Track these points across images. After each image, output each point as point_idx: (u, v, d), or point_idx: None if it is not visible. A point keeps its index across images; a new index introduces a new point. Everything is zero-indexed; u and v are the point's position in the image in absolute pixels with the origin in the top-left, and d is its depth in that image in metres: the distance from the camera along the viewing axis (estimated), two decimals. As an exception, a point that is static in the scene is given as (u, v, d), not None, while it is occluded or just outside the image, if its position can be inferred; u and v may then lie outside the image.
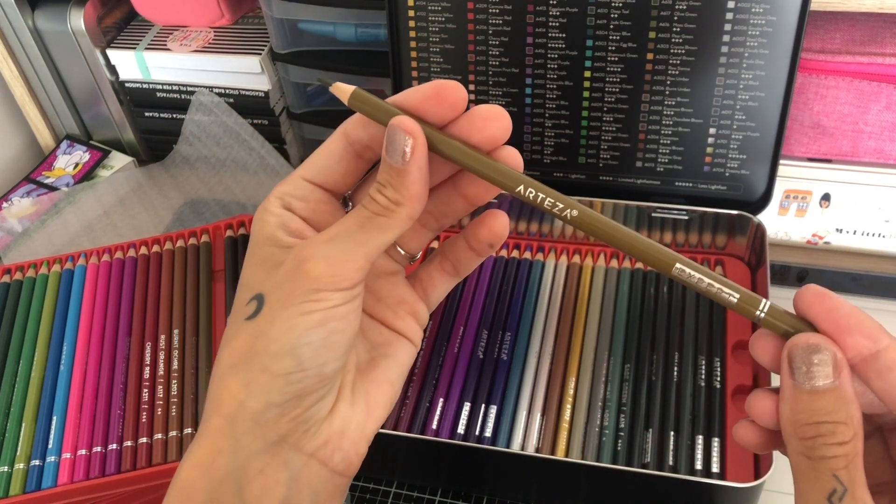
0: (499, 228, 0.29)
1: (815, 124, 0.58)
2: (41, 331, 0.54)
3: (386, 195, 0.26)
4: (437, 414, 0.49)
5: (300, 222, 0.28)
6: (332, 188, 0.29)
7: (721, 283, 0.26)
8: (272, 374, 0.25)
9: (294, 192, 0.28)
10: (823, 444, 0.23)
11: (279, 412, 0.26)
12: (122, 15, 0.74)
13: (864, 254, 0.62)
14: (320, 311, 0.25)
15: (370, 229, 0.26)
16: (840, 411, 0.23)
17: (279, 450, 0.26)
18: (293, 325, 0.25)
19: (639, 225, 0.58)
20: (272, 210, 0.28)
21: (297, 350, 0.25)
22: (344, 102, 0.28)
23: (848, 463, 0.23)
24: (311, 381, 0.26)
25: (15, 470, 0.47)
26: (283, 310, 0.25)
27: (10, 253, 0.68)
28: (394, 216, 0.26)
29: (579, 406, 0.49)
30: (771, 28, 0.51)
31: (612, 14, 0.53)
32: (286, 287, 0.25)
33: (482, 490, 0.50)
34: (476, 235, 0.30)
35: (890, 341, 0.23)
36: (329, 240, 0.26)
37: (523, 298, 0.56)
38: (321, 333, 0.25)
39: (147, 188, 0.74)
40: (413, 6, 0.56)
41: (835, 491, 0.23)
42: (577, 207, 0.27)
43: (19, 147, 0.79)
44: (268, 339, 0.25)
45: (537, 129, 0.58)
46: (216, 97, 0.71)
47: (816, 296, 0.24)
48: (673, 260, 0.26)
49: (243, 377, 0.26)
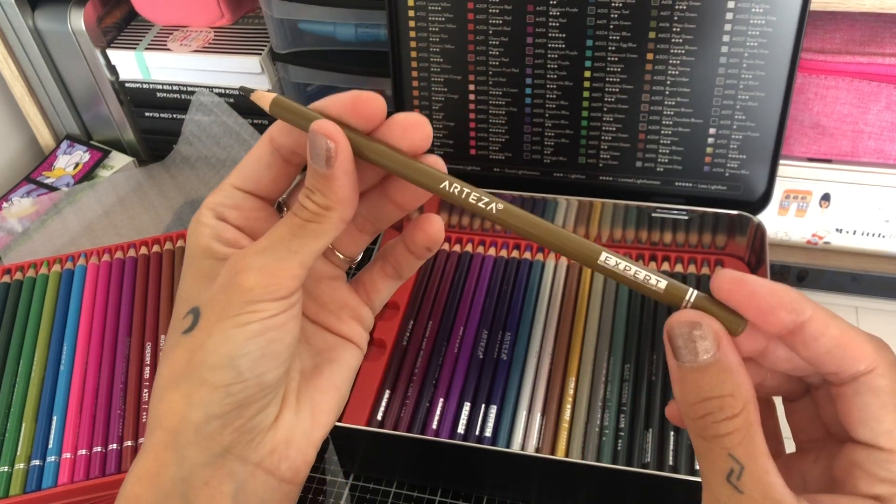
0: (434, 232, 0.29)
1: (815, 124, 0.58)
2: (41, 331, 0.54)
3: (315, 201, 0.26)
4: (437, 414, 0.49)
5: (234, 231, 0.28)
6: (263, 194, 0.28)
7: (648, 271, 0.25)
8: (211, 386, 0.25)
9: (225, 201, 0.28)
10: (713, 423, 0.23)
11: (221, 423, 0.26)
12: (122, 15, 0.74)
13: (864, 254, 0.62)
14: (257, 321, 0.25)
15: (302, 236, 0.26)
16: (725, 384, 0.23)
17: (224, 461, 0.26)
18: (229, 337, 0.25)
19: (639, 225, 0.58)
20: (205, 221, 0.27)
21: (236, 361, 0.25)
22: (265, 110, 0.28)
23: (742, 438, 0.23)
24: (252, 390, 0.26)
25: (15, 470, 0.47)
26: (218, 322, 0.25)
27: (10, 253, 0.68)
28: (325, 221, 0.26)
29: (579, 406, 0.49)
30: (771, 28, 0.51)
31: (612, 14, 0.53)
32: (221, 300, 0.25)
33: (482, 490, 0.50)
34: (413, 240, 0.30)
35: (813, 311, 0.23)
36: (262, 250, 0.26)
37: (523, 298, 0.56)
38: (259, 343, 0.25)
39: (147, 188, 0.74)
40: (413, 6, 0.56)
41: (732, 471, 0.23)
42: (501, 202, 0.27)
43: (19, 147, 0.79)
44: (205, 352, 0.25)
45: (537, 129, 0.58)
46: (216, 97, 0.71)
47: (733, 282, 0.24)
48: (598, 251, 0.26)
49: (184, 390, 0.26)
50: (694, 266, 0.58)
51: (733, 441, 0.23)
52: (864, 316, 0.60)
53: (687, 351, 0.23)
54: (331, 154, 0.25)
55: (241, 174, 0.28)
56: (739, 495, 0.23)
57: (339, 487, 0.51)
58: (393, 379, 0.51)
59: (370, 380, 0.51)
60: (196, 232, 0.27)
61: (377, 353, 0.53)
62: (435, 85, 0.59)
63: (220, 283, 0.26)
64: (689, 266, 0.58)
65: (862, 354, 0.23)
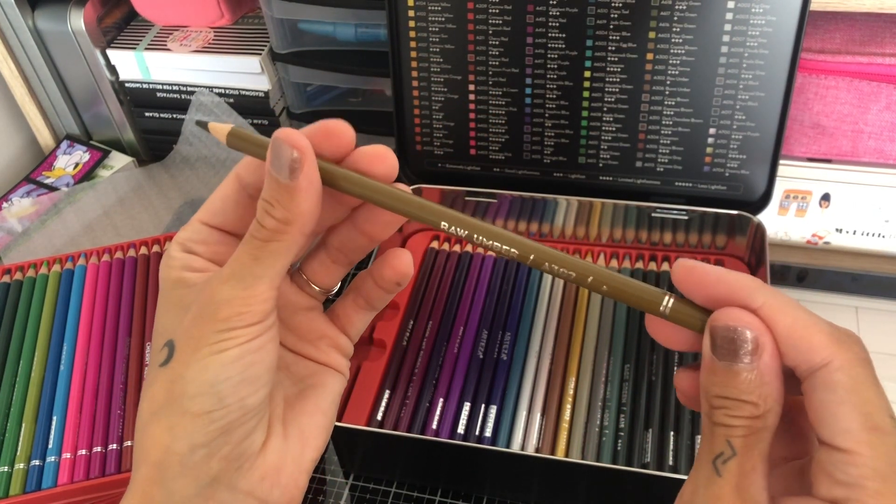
0: (402, 268, 0.29)
1: (815, 124, 0.58)
2: (41, 331, 0.54)
3: (274, 215, 0.25)
4: (437, 414, 0.49)
5: (203, 262, 0.27)
6: (231, 230, 0.28)
7: None
8: (193, 415, 0.25)
9: (194, 236, 0.28)
10: (725, 415, 0.23)
11: (207, 452, 0.25)
12: (122, 15, 0.74)
13: (864, 254, 0.62)
14: (234, 347, 0.25)
15: (264, 258, 0.25)
16: (753, 392, 0.22)
17: (213, 491, 0.26)
18: (207, 365, 0.25)
19: (639, 225, 0.58)
20: (174, 255, 0.27)
21: (216, 388, 0.25)
22: (222, 142, 0.27)
23: (748, 433, 0.22)
24: (235, 415, 0.25)
25: (15, 470, 0.47)
26: (195, 352, 0.25)
27: (10, 253, 0.68)
28: (285, 238, 0.25)
29: (579, 406, 0.49)
30: (771, 28, 0.51)
31: (612, 14, 0.53)
32: (195, 333, 0.25)
33: (482, 490, 0.50)
34: (381, 275, 0.29)
35: (765, 299, 0.22)
36: (228, 279, 0.25)
37: (523, 298, 0.56)
38: (238, 368, 0.25)
39: (147, 188, 0.74)
40: (413, 6, 0.56)
41: (722, 454, 0.22)
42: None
43: (19, 147, 0.79)
44: (185, 382, 0.25)
45: (537, 129, 0.58)
46: (216, 97, 0.71)
47: (685, 271, 0.24)
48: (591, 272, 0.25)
49: (165, 422, 0.25)
50: (694, 266, 0.58)
51: (737, 432, 0.22)
52: (864, 316, 0.60)
53: (726, 352, 0.23)
54: (295, 164, 0.25)
55: (208, 211, 0.28)
56: (716, 478, 0.23)
57: (339, 487, 0.51)
58: (393, 379, 0.51)
59: (370, 380, 0.51)
60: (166, 265, 0.27)
61: (377, 353, 0.53)
62: (435, 85, 0.59)
63: (192, 317, 0.26)
64: (689, 266, 0.58)
65: (815, 346, 0.22)
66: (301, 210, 0.25)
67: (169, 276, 0.27)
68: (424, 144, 0.61)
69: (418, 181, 0.62)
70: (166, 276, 0.27)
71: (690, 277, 0.24)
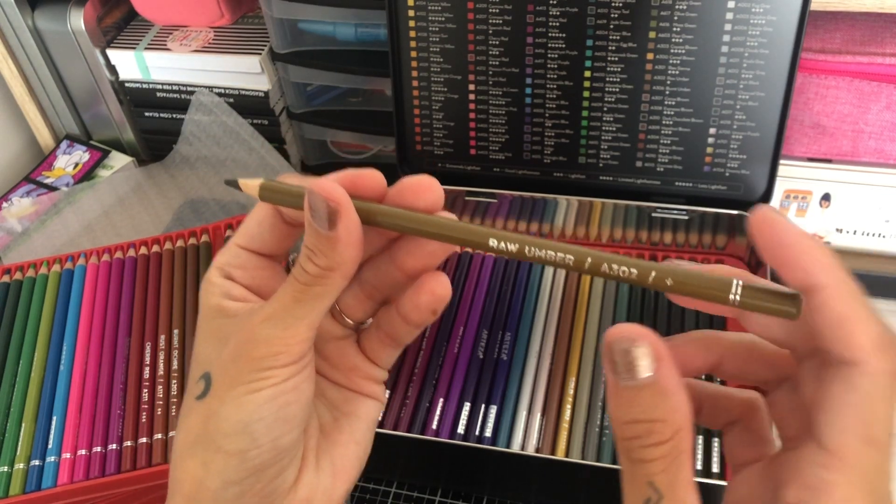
0: (441, 291, 0.27)
1: (815, 124, 0.58)
2: (41, 331, 0.54)
3: (317, 263, 0.25)
4: (437, 414, 0.49)
5: (242, 290, 0.28)
6: (269, 253, 0.28)
7: None
8: (227, 453, 0.25)
9: (232, 260, 0.28)
10: (640, 447, 0.22)
11: (240, 490, 0.25)
12: (122, 15, 0.74)
13: (864, 254, 0.62)
14: (269, 387, 0.25)
15: (306, 301, 0.25)
16: (658, 408, 0.22)
17: None
18: (242, 404, 0.25)
19: (639, 225, 0.58)
20: (214, 281, 0.27)
21: (250, 427, 0.25)
22: (255, 198, 0.27)
23: (666, 466, 0.22)
24: (268, 455, 0.25)
25: (15, 470, 0.47)
26: (231, 389, 0.25)
27: (10, 253, 0.68)
28: (327, 282, 0.25)
29: (579, 406, 0.49)
30: (771, 28, 0.51)
31: (612, 14, 0.53)
32: (231, 369, 0.25)
33: (482, 490, 0.50)
34: (416, 304, 0.28)
35: (831, 279, 0.22)
36: (268, 318, 0.25)
37: (523, 298, 0.56)
38: (272, 408, 0.25)
39: (147, 188, 0.74)
40: (413, 6, 0.56)
41: (649, 500, 0.22)
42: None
43: (19, 147, 0.79)
44: (219, 419, 0.25)
45: (537, 129, 0.58)
46: (216, 97, 0.71)
47: (765, 222, 0.23)
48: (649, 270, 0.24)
49: (200, 458, 0.25)
50: (694, 266, 0.58)
51: (656, 468, 0.22)
52: (864, 316, 0.60)
53: (624, 368, 0.22)
54: (333, 215, 0.25)
55: (245, 235, 0.28)
56: None
57: (339, 487, 0.51)
58: (393, 379, 0.51)
59: (370, 380, 0.51)
60: (206, 291, 0.27)
61: (377, 353, 0.53)
62: (435, 85, 0.59)
63: (229, 352, 0.26)
64: (689, 266, 0.58)
65: (855, 345, 0.21)
66: (343, 258, 0.25)
67: (209, 303, 0.27)
68: (424, 144, 0.61)
69: (418, 181, 0.62)
70: (206, 303, 0.27)
71: (768, 230, 0.22)
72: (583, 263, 0.25)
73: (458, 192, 0.60)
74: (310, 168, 0.75)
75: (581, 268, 0.25)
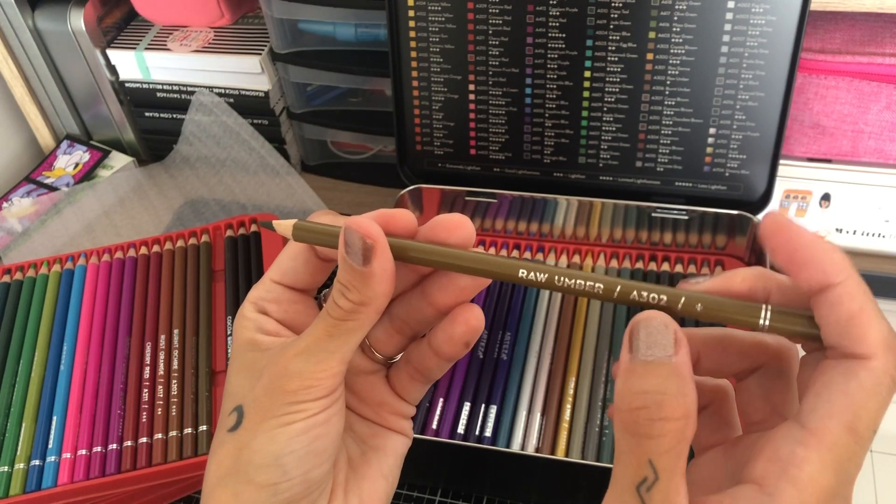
0: (475, 322, 0.28)
1: (815, 124, 0.58)
2: (41, 331, 0.54)
3: (350, 298, 0.26)
4: (437, 414, 0.49)
5: (275, 324, 0.28)
6: (302, 287, 0.29)
7: None
8: (258, 485, 0.25)
9: (266, 295, 0.28)
10: (647, 419, 0.21)
11: None
12: (122, 15, 0.74)
13: (864, 254, 0.62)
14: (301, 420, 0.25)
15: (338, 336, 0.26)
16: (672, 384, 0.21)
17: None
18: (274, 437, 0.25)
19: (639, 225, 0.58)
20: (248, 315, 0.28)
21: (281, 460, 0.25)
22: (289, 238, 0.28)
23: (672, 446, 0.21)
24: (298, 488, 0.26)
25: (15, 470, 0.47)
26: (263, 422, 0.26)
27: (10, 253, 0.68)
28: (360, 317, 0.26)
29: (579, 406, 0.49)
30: (771, 28, 0.51)
31: (612, 14, 0.53)
32: (264, 401, 0.26)
33: (482, 490, 0.50)
34: (450, 336, 0.28)
35: (845, 278, 0.22)
36: (301, 352, 0.26)
37: (523, 298, 0.56)
38: (304, 441, 0.26)
39: (147, 188, 0.74)
40: (413, 6, 0.56)
41: (645, 479, 0.21)
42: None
43: (19, 147, 0.79)
44: (251, 451, 0.26)
45: (537, 129, 0.58)
46: (216, 97, 0.71)
47: (775, 226, 0.23)
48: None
49: (231, 489, 0.26)
50: (694, 266, 0.58)
51: (661, 446, 0.21)
52: (864, 316, 0.60)
53: (645, 344, 0.23)
54: (368, 252, 0.25)
55: (279, 269, 0.28)
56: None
57: (339, 487, 0.51)
58: (393, 379, 0.51)
59: (370, 380, 0.51)
60: (240, 325, 0.28)
61: (377, 353, 0.53)
62: (435, 85, 0.59)
63: (262, 386, 0.26)
64: (689, 266, 0.58)
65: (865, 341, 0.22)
66: (376, 293, 0.26)
67: (242, 337, 0.28)
68: (424, 144, 0.61)
69: (418, 181, 0.62)
70: (240, 337, 0.28)
71: (780, 234, 0.23)
72: (612, 292, 0.25)
73: (459, 192, 0.60)
74: (310, 168, 0.75)
75: (610, 297, 0.25)
